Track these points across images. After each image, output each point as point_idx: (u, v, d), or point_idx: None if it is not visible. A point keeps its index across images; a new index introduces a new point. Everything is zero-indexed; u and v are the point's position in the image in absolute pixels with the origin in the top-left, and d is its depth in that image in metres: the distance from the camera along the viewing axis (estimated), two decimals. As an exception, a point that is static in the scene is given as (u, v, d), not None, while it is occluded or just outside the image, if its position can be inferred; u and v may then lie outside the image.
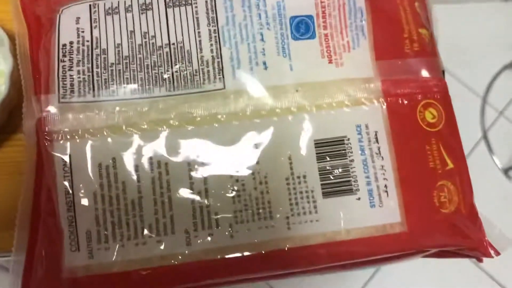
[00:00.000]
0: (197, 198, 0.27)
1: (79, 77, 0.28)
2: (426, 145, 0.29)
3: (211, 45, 0.29)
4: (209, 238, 0.27)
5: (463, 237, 0.29)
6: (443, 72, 0.31)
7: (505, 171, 0.82)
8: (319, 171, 0.28)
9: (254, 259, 0.27)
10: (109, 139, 0.27)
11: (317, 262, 0.28)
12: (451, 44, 0.86)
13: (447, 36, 0.85)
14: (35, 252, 0.27)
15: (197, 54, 0.29)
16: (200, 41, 0.29)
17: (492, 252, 0.30)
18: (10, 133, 0.32)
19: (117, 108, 0.28)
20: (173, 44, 0.29)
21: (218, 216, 0.27)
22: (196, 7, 0.29)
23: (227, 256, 0.27)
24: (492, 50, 0.87)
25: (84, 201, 0.27)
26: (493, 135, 0.84)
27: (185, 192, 0.27)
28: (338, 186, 0.28)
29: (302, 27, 0.30)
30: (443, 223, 0.29)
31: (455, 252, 0.30)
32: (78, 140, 0.27)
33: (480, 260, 0.31)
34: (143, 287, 0.27)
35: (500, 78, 0.87)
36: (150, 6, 0.29)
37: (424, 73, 0.30)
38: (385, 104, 0.29)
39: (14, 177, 0.32)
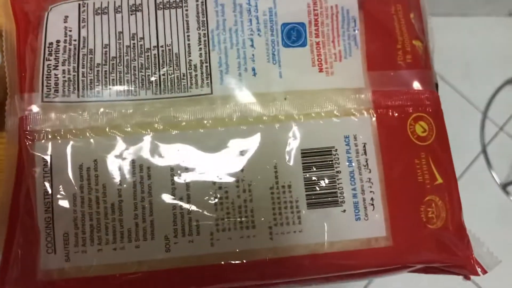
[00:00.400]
0: (179, 204, 0.27)
1: (64, 77, 0.27)
2: (415, 159, 0.29)
3: (200, 49, 0.28)
4: (189, 245, 0.26)
5: (450, 254, 0.28)
6: (437, 85, 0.31)
7: (504, 187, 0.81)
8: (304, 181, 0.28)
9: (234, 269, 0.27)
10: (92, 141, 0.27)
11: (299, 274, 0.28)
12: (453, 57, 0.85)
13: (449, 49, 0.85)
14: (12, 252, 0.26)
15: (186, 57, 0.28)
16: (189, 44, 0.28)
17: (479, 270, 0.29)
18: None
19: (101, 110, 0.27)
20: (162, 46, 0.28)
21: (199, 223, 0.27)
22: (186, 10, 0.29)
23: (206, 264, 0.27)
24: (494, 64, 0.87)
25: (63, 203, 0.26)
26: (492, 150, 0.83)
27: (166, 198, 0.27)
28: (323, 198, 0.27)
29: (294, 35, 0.29)
30: (430, 239, 0.28)
31: (441, 268, 0.30)
32: (60, 141, 0.27)
33: (467, 278, 0.31)
34: (120, 292, 0.26)
35: (502, 93, 0.86)
36: (140, 7, 0.29)
37: (416, 85, 0.30)
38: (374, 115, 0.29)
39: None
